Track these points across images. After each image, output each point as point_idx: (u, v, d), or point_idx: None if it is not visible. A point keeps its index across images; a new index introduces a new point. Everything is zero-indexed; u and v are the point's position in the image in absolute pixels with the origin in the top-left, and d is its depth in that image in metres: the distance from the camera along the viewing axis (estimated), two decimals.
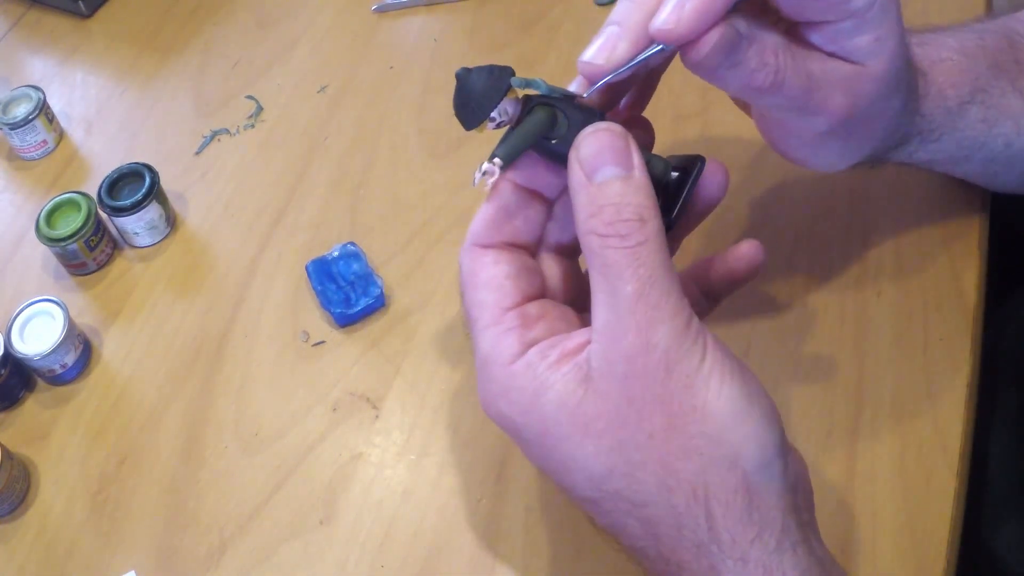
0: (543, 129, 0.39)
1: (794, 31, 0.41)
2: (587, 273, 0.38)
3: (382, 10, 0.76)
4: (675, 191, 0.42)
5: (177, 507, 0.53)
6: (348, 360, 0.57)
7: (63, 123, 0.73)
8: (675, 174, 0.43)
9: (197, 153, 0.70)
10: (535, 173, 0.41)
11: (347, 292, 0.59)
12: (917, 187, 0.59)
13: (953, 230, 0.57)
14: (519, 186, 0.41)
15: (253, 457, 0.54)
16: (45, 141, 0.71)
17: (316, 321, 0.59)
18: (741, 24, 0.38)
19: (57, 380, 0.59)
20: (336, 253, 0.60)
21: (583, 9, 0.73)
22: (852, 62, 0.41)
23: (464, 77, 0.40)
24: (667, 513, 0.36)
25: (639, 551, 0.38)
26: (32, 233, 0.63)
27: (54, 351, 0.56)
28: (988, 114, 0.48)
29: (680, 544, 0.36)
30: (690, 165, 0.43)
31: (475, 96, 0.39)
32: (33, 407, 0.58)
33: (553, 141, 0.39)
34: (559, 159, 0.39)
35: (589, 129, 0.38)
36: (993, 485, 0.57)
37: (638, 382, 0.36)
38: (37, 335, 0.57)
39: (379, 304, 0.58)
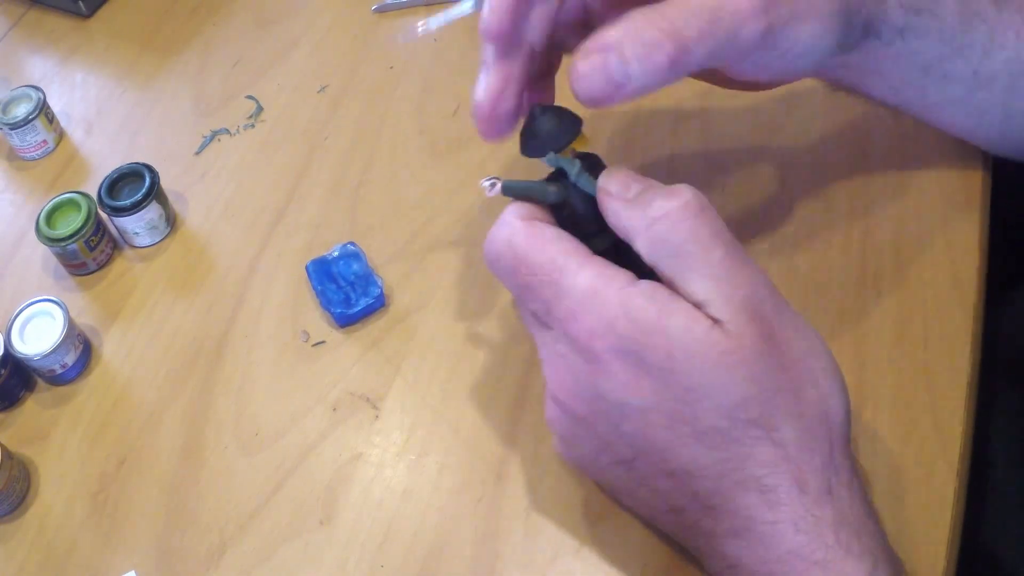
0: (547, 199, 0.43)
1: None
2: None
3: (382, 10, 0.76)
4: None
5: (177, 507, 0.53)
6: (348, 360, 0.57)
7: (63, 123, 0.73)
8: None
9: (197, 153, 0.70)
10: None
11: (347, 292, 0.59)
12: (917, 187, 0.59)
13: (953, 230, 0.57)
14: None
15: (253, 457, 0.54)
16: (45, 141, 0.71)
17: (316, 321, 0.59)
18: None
19: (57, 380, 0.59)
20: (336, 253, 0.60)
21: None
22: None
23: (539, 114, 0.43)
24: (800, 434, 0.38)
25: (761, 482, 0.38)
26: (32, 233, 0.63)
27: (54, 351, 0.56)
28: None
29: (810, 464, 0.38)
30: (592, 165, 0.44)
31: (542, 136, 0.42)
32: (33, 407, 0.58)
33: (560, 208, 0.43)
34: (568, 220, 0.43)
35: (607, 172, 0.42)
36: (996, 484, 0.57)
37: (761, 324, 0.38)
38: (37, 335, 0.57)
39: (379, 304, 0.58)
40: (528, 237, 0.41)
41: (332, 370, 0.57)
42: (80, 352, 0.59)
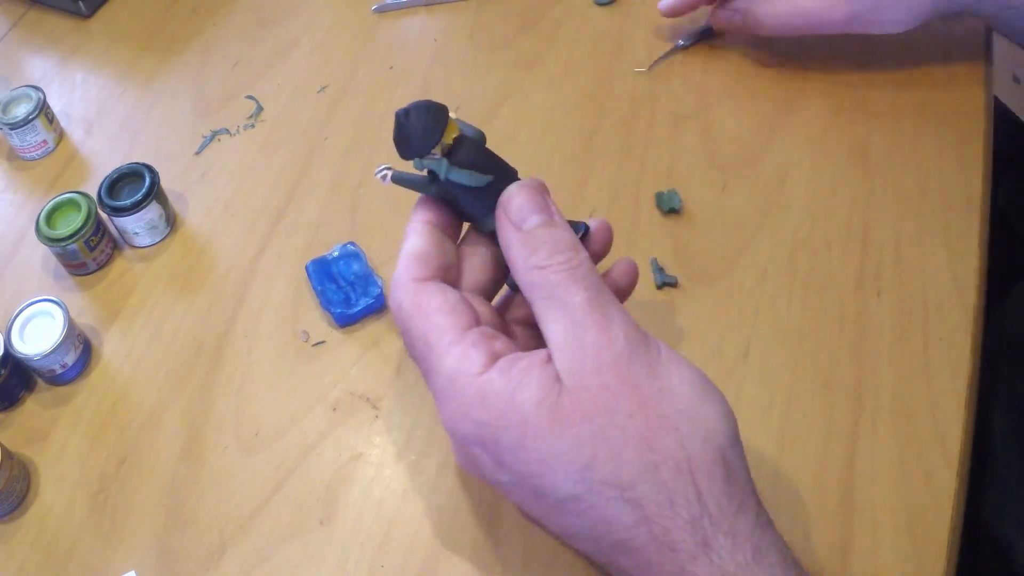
0: (428, 193, 0.47)
1: None
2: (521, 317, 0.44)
3: (382, 10, 0.76)
4: None
5: (177, 507, 0.53)
6: (348, 360, 0.57)
7: (63, 123, 0.73)
8: None
9: (197, 153, 0.70)
10: (443, 215, 0.46)
11: (347, 292, 0.59)
12: (917, 187, 0.59)
13: (953, 230, 0.57)
14: (433, 224, 0.45)
15: (253, 457, 0.54)
16: (45, 141, 0.71)
17: (316, 321, 0.59)
18: None
19: (57, 380, 0.59)
20: (336, 253, 0.60)
21: (583, 9, 0.73)
22: None
23: (403, 118, 0.44)
24: (657, 489, 0.37)
25: (624, 546, 0.38)
26: (32, 233, 0.63)
27: (54, 351, 0.56)
28: None
29: (673, 522, 0.37)
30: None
31: (416, 134, 0.44)
32: (33, 407, 0.58)
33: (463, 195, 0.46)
34: (455, 207, 0.46)
35: (514, 187, 0.43)
36: (1000, 482, 0.57)
37: (608, 371, 0.38)
38: (37, 335, 0.57)
39: (379, 304, 0.58)
40: (412, 307, 0.42)
41: (332, 370, 0.57)
42: (80, 352, 0.59)
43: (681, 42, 0.68)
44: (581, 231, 0.47)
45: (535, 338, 0.45)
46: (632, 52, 0.70)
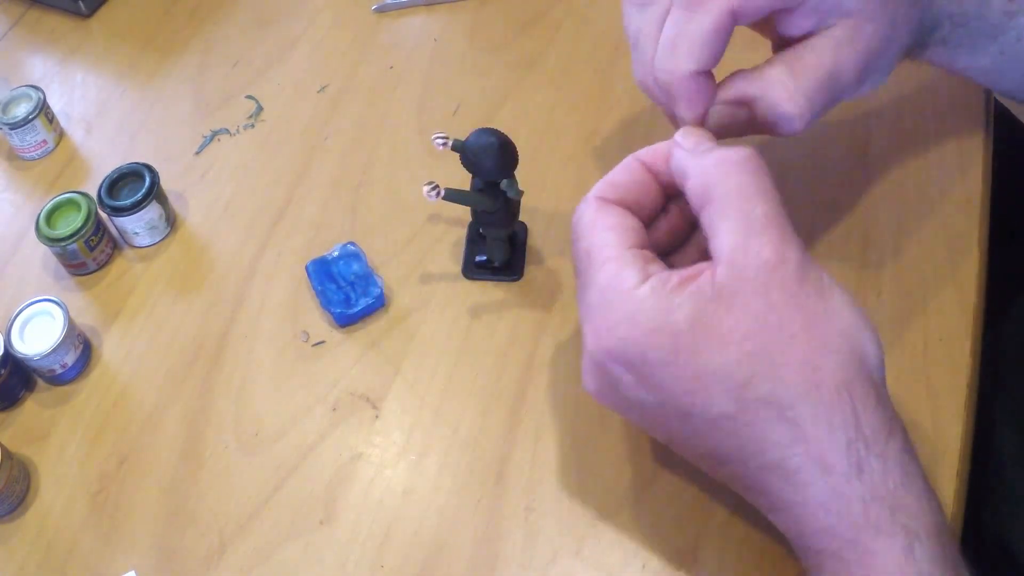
0: (479, 207, 0.54)
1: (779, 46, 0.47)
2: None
3: (382, 10, 0.76)
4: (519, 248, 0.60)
5: (177, 507, 0.53)
6: (348, 360, 0.57)
7: (63, 123, 0.73)
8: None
9: (197, 153, 0.70)
10: (659, 159, 0.44)
11: (347, 292, 0.59)
12: (917, 187, 0.59)
13: (953, 230, 0.57)
14: (645, 165, 0.44)
15: (253, 457, 0.54)
16: (45, 141, 0.71)
17: (316, 321, 0.59)
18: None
19: (57, 380, 0.59)
20: (336, 253, 0.60)
21: (583, 9, 0.73)
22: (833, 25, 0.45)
23: (505, 144, 0.52)
24: (817, 410, 0.37)
25: (776, 466, 0.38)
26: (32, 233, 0.63)
27: (54, 351, 0.56)
28: (1010, 7, 0.49)
29: (831, 444, 0.37)
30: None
31: (510, 163, 0.53)
32: (33, 407, 0.58)
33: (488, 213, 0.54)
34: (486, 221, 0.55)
35: (682, 129, 0.44)
36: (1006, 481, 0.57)
37: (776, 290, 0.37)
38: (37, 335, 0.57)
39: (379, 304, 0.58)
40: (588, 221, 0.43)
41: (332, 370, 0.57)
42: (80, 352, 0.59)
43: None
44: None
45: None
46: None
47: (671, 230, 0.46)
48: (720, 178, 0.40)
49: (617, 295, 0.39)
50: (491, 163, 0.51)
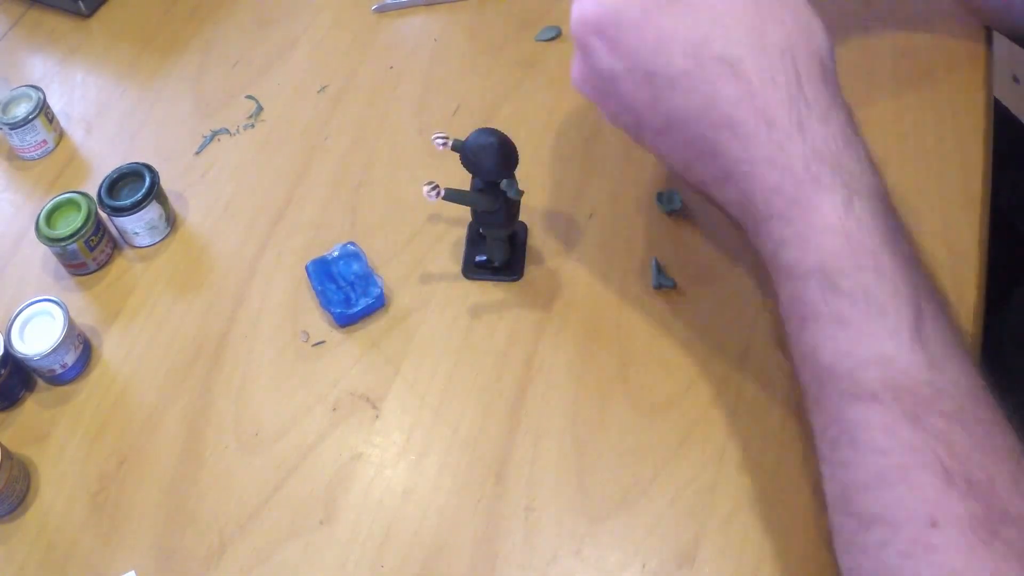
0: (480, 207, 0.54)
1: None
2: None
3: (382, 10, 0.76)
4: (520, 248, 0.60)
5: (177, 507, 0.53)
6: (348, 360, 0.57)
7: (63, 123, 0.73)
8: None
9: (197, 153, 0.70)
10: None
11: (347, 292, 0.59)
12: (917, 187, 0.59)
13: (953, 230, 0.57)
14: None
15: (253, 457, 0.54)
16: (45, 141, 0.71)
17: (316, 321, 0.59)
18: None
19: (57, 380, 0.59)
20: (336, 253, 0.60)
21: None
22: None
23: (505, 144, 0.52)
24: (761, 66, 0.41)
25: (727, 120, 0.41)
26: (32, 233, 0.63)
27: (54, 351, 0.56)
28: None
29: (774, 97, 0.40)
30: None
31: (511, 162, 0.53)
32: (33, 407, 0.58)
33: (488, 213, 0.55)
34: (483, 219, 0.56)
35: None
36: None
37: None
38: (37, 335, 0.57)
39: (379, 304, 0.58)
40: None
41: (332, 370, 0.57)
42: (80, 352, 0.59)
43: None
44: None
45: None
46: None
47: None
48: None
49: None
50: (491, 163, 0.51)
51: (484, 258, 0.59)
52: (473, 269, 0.60)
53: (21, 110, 0.69)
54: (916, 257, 0.41)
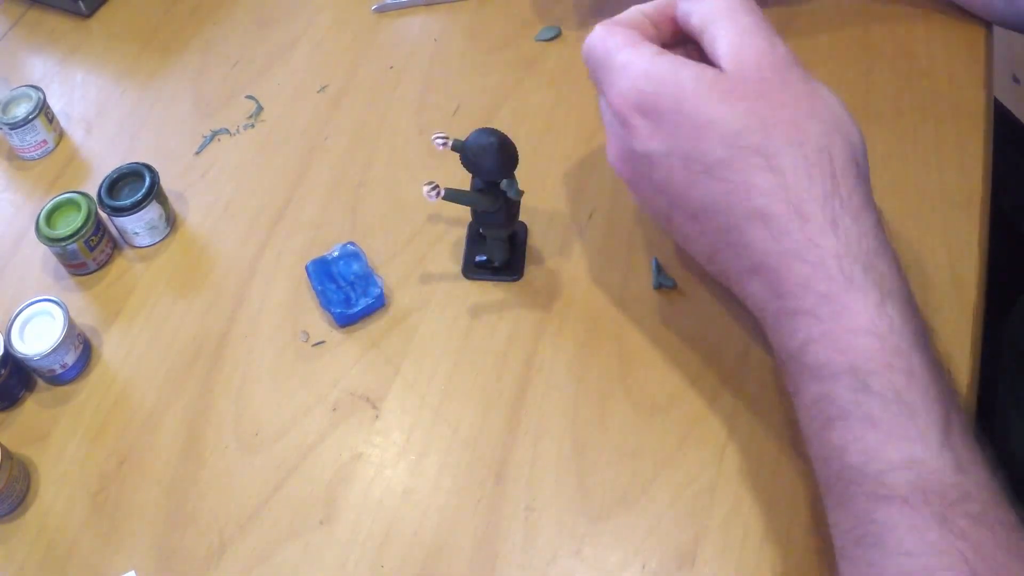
0: (479, 207, 0.54)
1: None
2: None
3: (382, 10, 0.76)
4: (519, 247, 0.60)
5: (177, 507, 0.53)
6: (348, 360, 0.57)
7: (63, 123, 0.73)
8: None
9: (197, 153, 0.70)
10: (661, 14, 0.49)
11: (347, 292, 0.59)
12: (917, 186, 0.59)
13: (953, 231, 0.57)
14: (648, 17, 0.48)
15: (253, 457, 0.54)
16: (45, 141, 0.71)
17: (316, 321, 0.59)
18: None
19: (57, 380, 0.59)
20: (336, 253, 0.60)
21: (583, 9, 0.73)
22: None
23: (506, 144, 0.53)
24: (798, 162, 0.41)
25: (759, 212, 0.41)
26: (32, 233, 0.63)
27: (54, 351, 0.56)
28: None
29: (809, 193, 0.40)
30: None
31: (512, 161, 0.53)
32: (33, 407, 0.58)
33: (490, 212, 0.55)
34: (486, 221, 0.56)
35: None
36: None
37: (768, 69, 0.43)
38: (37, 335, 0.57)
39: (379, 304, 0.58)
40: (600, 36, 0.47)
41: (332, 370, 0.57)
42: (80, 352, 0.59)
43: None
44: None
45: None
46: None
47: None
48: (716, 7, 0.45)
49: (639, 61, 0.45)
50: (491, 163, 0.51)
51: (484, 258, 0.59)
52: (473, 269, 0.60)
53: (21, 110, 0.69)
54: (938, 358, 0.41)
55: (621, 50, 0.46)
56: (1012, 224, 0.62)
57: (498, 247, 0.58)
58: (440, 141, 0.53)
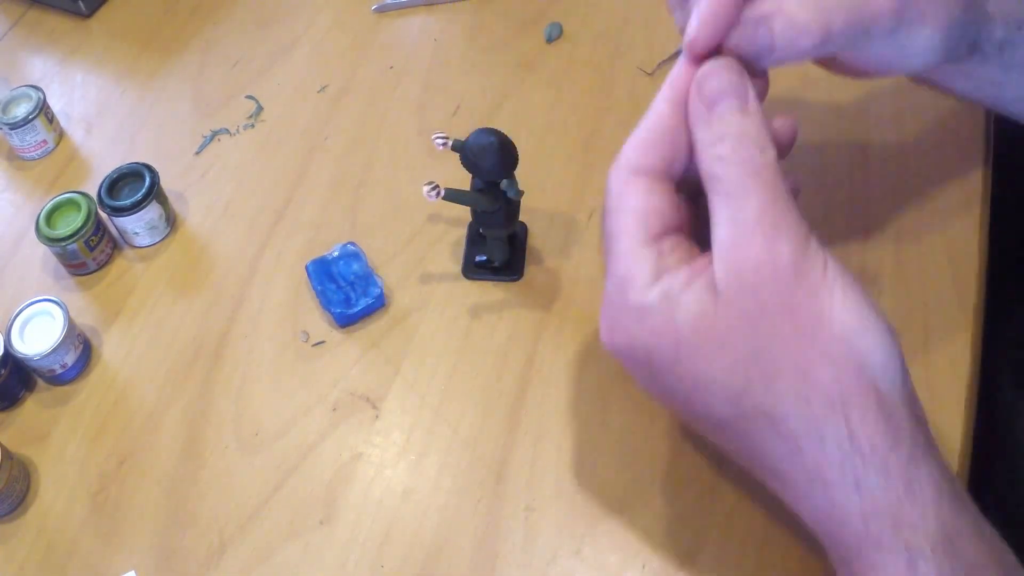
0: (479, 207, 0.54)
1: None
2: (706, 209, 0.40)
3: (382, 10, 0.76)
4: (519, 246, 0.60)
5: (177, 507, 0.53)
6: (348, 360, 0.57)
7: (63, 123, 0.73)
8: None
9: (197, 153, 0.70)
10: (683, 95, 0.42)
11: (347, 292, 0.59)
12: (917, 186, 0.59)
13: (953, 230, 0.57)
14: (676, 107, 0.41)
15: (253, 457, 0.54)
16: (45, 141, 0.71)
17: (316, 321, 0.59)
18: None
19: (57, 380, 0.59)
20: (336, 253, 0.60)
21: (583, 9, 0.73)
22: None
23: (505, 144, 0.52)
24: (808, 425, 0.36)
25: (776, 474, 0.38)
26: (32, 233, 0.63)
27: (54, 351, 0.56)
28: None
29: (824, 456, 0.36)
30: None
31: (510, 161, 0.53)
32: (33, 407, 0.58)
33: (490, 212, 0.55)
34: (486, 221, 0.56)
35: (711, 64, 0.40)
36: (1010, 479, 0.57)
37: (766, 290, 0.37)
38: (37, 335, 0.57)
39: (379, 304, 0.58)
40: (616, 197, 0.42)
41: (332, 370, 0.57)
42: (80, 352, 0.59)
43: None
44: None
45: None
46: (632, 52, 0.70)
47: None
48: (719, 168, 0.39)
49: (629, 294, 0.40)
50: (491, 163, 0.51)
51: (484, 258, 0.59)
52: (473, 269, 0.60)
53: (21, 110, 0.69)
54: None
55: (622, 256, 0.40)
56: (1012, 225, 0.62)
57: (498, 247, 0.58)
58: (440, 141, 0.53)
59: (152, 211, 0.63)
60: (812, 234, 0.38)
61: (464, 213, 0.59)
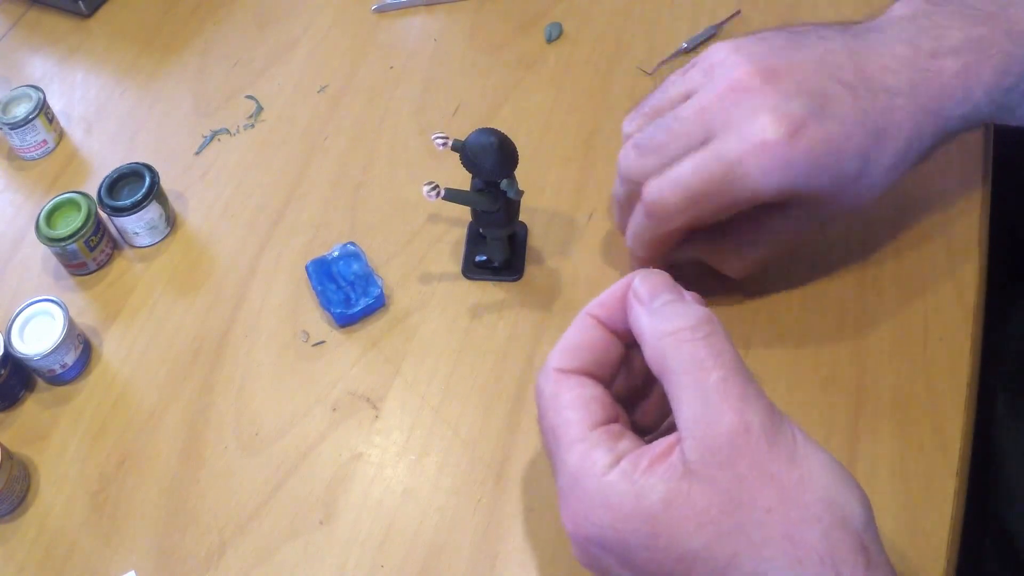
0: (479, 207, 0.55)
1: None
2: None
3: (382, 10, 0.76)
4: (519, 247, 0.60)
5: (177, 507, 0.53)
6: (348, 360, 0.57)
7: (63, 123, 0.73)
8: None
9: (197, 153, 0.70)
10: (614, 312, 0.43)
11: (347, 292, 0.59)
12: (917, 187, 0.59)
13: (953, 231, 0.57)
14: (600, 322, 0.43)
15: (253, 457, 0.54)
16: (45, 141, 0.71)
17: (316, 321, 0.59)
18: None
19: (57, 380, 0.59)
20: (336, 253, 0.60)
21: (583, 9, 0.73)
22: None
23: (504, 144, 0.52)
24: None
25: None
26: (32, 233, 0.63)
27: (54, 351, 0.56)
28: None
29: None
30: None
31: (511, 161, 0.53)
32: (33, 407, 0.58)
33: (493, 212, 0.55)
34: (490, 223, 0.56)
35: (641, 274, 0.43)
36: (1006, 479, 0.57)
37: (744, 461, 0.36)
38: (37, 335, 0.57)
39: (379, 304, 0.58)
40: (549, 396, 0.42)
41: (332, 370, 0.57)
42: (80, 352, 0.59)
43: (685, 45, 0.68)
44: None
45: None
46: (632, 52, 0.70)
47: (639, 373, 0.45)
48: (673, 349, 0.39)
49: (589, 480, 0.39)
50: (491, 163, 0.51)
51: (484, 258, 0.59)
52: (473, 269, 0.60)
53: (21, 110, 0.69)
54: None
55: (571, 447, 0.39)
56: (1012, 225, 0.62)
57: (498, 247, 0.58)
58: (440, 141, 0.53)
59: (152, 211, 0.63)
60: (771, 402, 0.38)
61: (464, 213, 0.59)
